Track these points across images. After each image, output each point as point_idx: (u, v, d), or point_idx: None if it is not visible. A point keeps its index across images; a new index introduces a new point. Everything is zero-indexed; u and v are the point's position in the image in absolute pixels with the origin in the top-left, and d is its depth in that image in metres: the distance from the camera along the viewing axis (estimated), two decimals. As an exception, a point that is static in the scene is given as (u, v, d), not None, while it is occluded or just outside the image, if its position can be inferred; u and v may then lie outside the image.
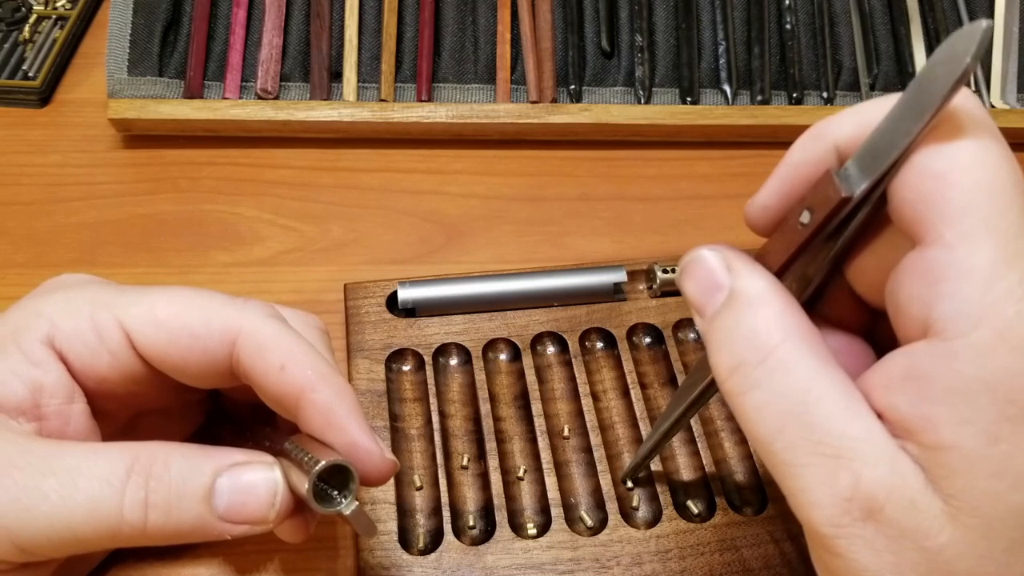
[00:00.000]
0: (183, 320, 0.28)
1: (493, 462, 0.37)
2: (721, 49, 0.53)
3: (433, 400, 0.38)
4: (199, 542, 0.28)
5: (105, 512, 0.26)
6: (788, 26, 0.54)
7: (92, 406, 0.29)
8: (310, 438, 0.28)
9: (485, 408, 0.38)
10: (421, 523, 0.35)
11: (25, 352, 0.27)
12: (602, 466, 0.37)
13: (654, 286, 0.43)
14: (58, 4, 0.57)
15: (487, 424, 0.38)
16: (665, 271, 0.42)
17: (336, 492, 0.27)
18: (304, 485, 0.26)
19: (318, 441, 0.27)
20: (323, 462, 0.26)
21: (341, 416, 0.27)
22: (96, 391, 0.29)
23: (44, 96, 0.53)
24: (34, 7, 0.56)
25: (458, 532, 0.35)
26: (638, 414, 0.38)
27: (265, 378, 0.28)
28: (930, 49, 0.55)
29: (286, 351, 0.28)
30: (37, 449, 0.26)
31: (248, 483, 0.27)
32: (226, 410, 0.35)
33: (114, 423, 0.31)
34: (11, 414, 0.27)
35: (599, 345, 0.42)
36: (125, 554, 0.33)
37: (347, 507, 0.27)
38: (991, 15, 0.56)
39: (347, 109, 0.50)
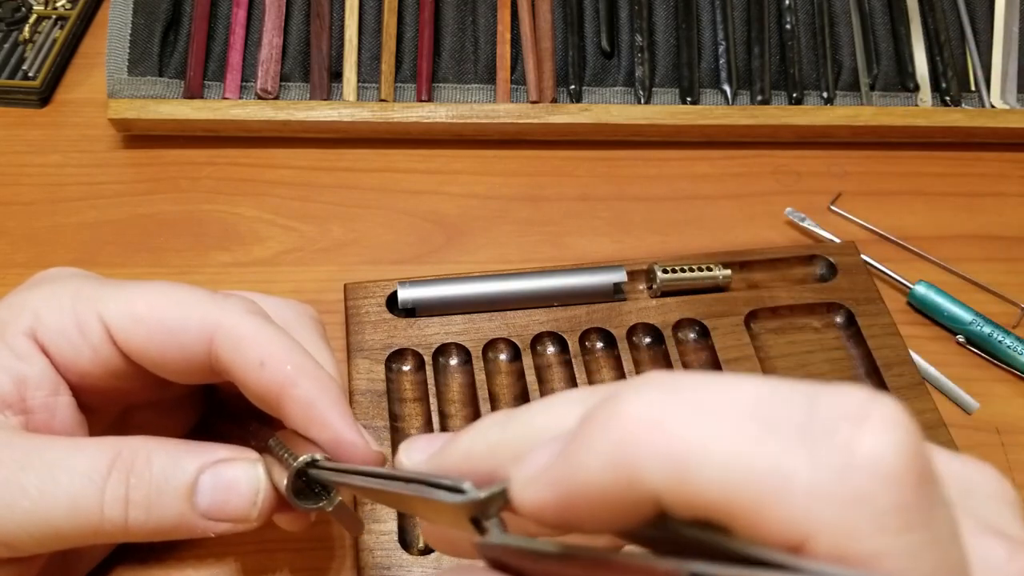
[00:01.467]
0: (160, 315, 0.28)
1: (493, 462, 0.37)
2: (721, 49, 0.53)
3: (433, 400, 0.38)
4: (186, 539, 0.28)
5: (85, 509, 0.25)
6: (788, 26, 0.54)
7: (78, 400, 0.29)
8: (295, 433, 0.27)
9: (485, 408, 0.38)
10: (421, 523, 0.35)
11: (9, 345, 0.27)
12: (602, 466, 0.37)
13: (654, 286, 0.43)
14: (58, 4, 0.57)
15: (487, 424, 0.38)
16: (665, 271, 0.42)
17: (320, 488, 0.26)
18: (285, 483, 0.26)
19: (303, 436, 0.27)
20: (301, 459, 0.25)
21: (322, 410, 0.27)
22: (80, 385, 0.29)
23: (44, 96, 0.53)
24: (34, 7, 0.56)
25: (458, 532, 0.35)
26: (638, 414, 0.38)
27: (245, 375, 0.27)
28: (930, 49, 0.55)
29: (265, 347, 0.27)
30: (19, 444, 0.26)
31: (230, 480, 0.27)
32: (223, 404, 0.34)
33: (103, 419, 0.31)
34: None
35: (599, 345, 0.42)
36: (125, 554, 0.33)
37: (330, 504, 0.26)
38: (991, 15, 0.56)
39: (347, 109, 0.50)
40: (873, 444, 0.13)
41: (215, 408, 0.35)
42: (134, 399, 0.31)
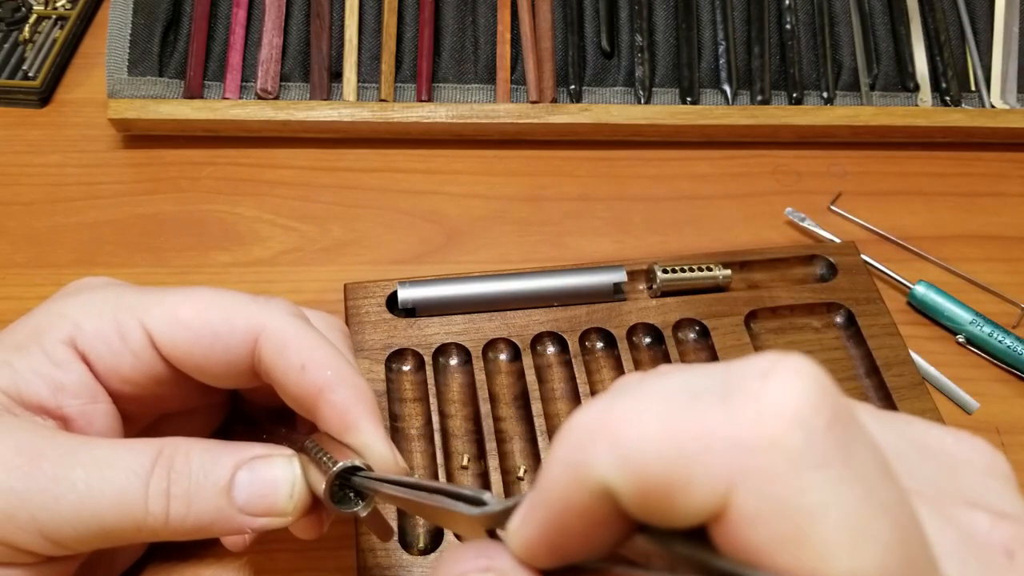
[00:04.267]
0: (205, 319, 0.28)
1: (493, 462, 0.37)
2: (721, 49, 0.53)
3: (433, 400, 0.38)
4: (222, 536, 0.29)
5: (131, 502, 0.26)
6: (788, 26, 0.54)
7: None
8: (328, 437, 0.28)
9: (485, 408, 0.38)
10: (421, 523, 0.35)
11: (47, 352, 0.28)
12: (602, 466, 0.37)
13: (654, 286, 0.43)
14: (58, 4, 0.57)
15: (487, 424, 0.38)
16: (665, 271, 0.42)
17: (353, 494, 0.27)
18: (321, 485, 0.26)
19: (336, 441, 0.28)
20: (341, 463, 0.26)
21: (357, 418, 0.27)
22: (119, 392, 0.29)
23: (44, 96, 0.53)
24: (34, 7, 0.56)
25: (458, 532, 0.35)
26: (638, 414, 0.38)
27: (286, 377, 0.28)
28: (930, 49, 0.55)
29: (307, 350, 0.28)
30: (64, 441, 0.27)
31: (267, 476, 0.27)
32: (243, 411, 0.35)
33: (136, 425, 0.31)
34: (34, 412, 0.27)
35: (599, 345, 0.42)
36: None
37: (364, 509, 0.27)
38: (991, 15, 0.56)
39: (347, 109, 0.50)
40: (777, 390, 0.14)
41: (234, 413, 0.35)
42: (169, 406, 0.32)
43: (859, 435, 0.15)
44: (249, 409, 0.34)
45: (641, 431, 0.15)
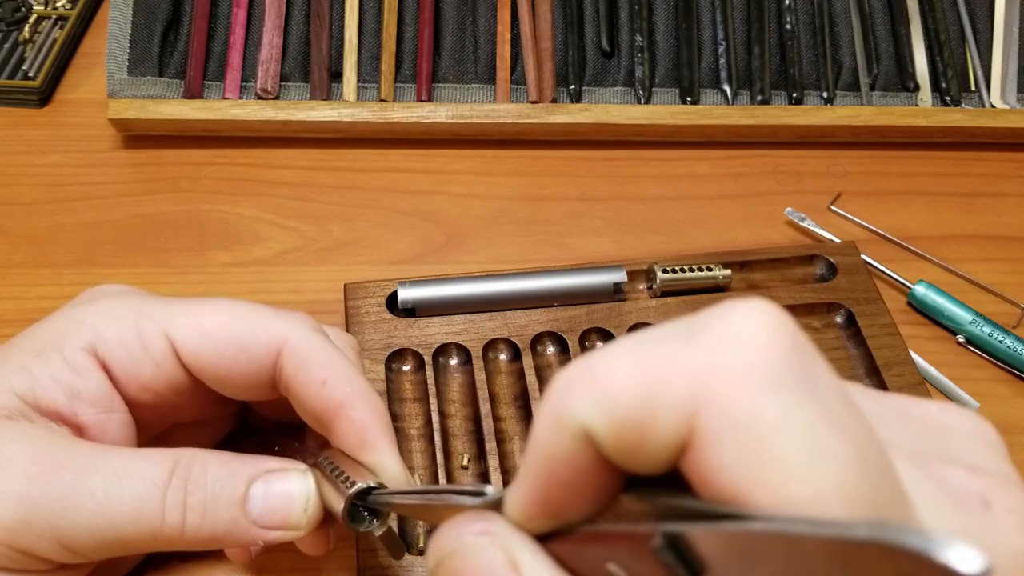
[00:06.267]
0: (230, 331, 0.28)
1: (493, 462, 0.37)
2: (721, 49, 0.53)
3: (433, 400, 0.38)
4: (235, 547, 0.29)
5: (148, 512, 0.26)
6: (788, 26, 0.54)
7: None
8: (341, 453, 0.28)
9: (485, 408, 0.38)
10: (421, 523, 0.35)
11: (66, 358, 0.28)
12: (602, 466, 0.37)
13: (654, 286, 0.43)
14: (58, 4, 0.57)
15: (487, 424, 0.38)
16: (665, 271, 0.42)
17: (367, 512, 0.27)
18: (336, 502, 0.26)
19: (349, 457, 0.28)
20: (359, 485, 0.26)
21: (374, 436, 0.27)
22: (136, 401, 0.29)
23: (44, 96, 0.53)
24: (34, 7, 0.56)
25: (458, 532, 0.34)
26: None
27: (306, 391, 0.28)
28: (930, 49, 0.55)
29: (328, 366, 0.28)
30: (84, 449, 0.27)
31: (282, 490, 0.27)
32: (252, 424, 0.35)
33: (147, 434, 0.31)
34: (49, 418, 0.27)
35: (599, 345, 0.42)
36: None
37: (378, 528, 0.27)
38: (991, 15, 0.56)
39: (347, 109, 0.50)
40: (736, 322, 0.15)
41: (241, 426, 0.35)
42: (183, 416, 0.32)
43: (819, 366, 0.15)
44: (258, 421, 0.34)
45: (613, 373, 0.16)
